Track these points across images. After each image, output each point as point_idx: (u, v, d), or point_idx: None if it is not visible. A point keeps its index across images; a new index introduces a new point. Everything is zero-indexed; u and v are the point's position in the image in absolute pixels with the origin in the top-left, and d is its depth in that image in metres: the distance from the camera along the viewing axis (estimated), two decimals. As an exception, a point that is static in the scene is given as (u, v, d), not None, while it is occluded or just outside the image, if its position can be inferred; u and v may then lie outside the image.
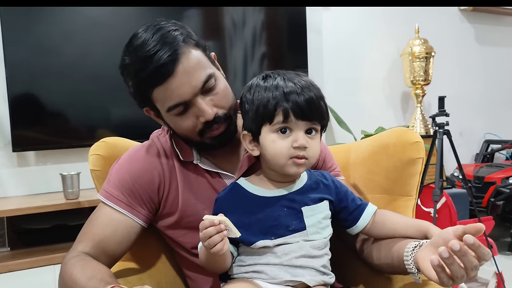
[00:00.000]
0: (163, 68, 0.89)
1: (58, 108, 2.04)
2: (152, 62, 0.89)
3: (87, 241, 0.97)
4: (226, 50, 2.41)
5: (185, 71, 0.91)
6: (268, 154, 0.89)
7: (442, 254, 0.72)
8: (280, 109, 0.86)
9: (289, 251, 0.88)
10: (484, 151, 3.26)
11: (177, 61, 0.89)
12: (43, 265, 1.73)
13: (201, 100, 0.94)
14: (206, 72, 0.94)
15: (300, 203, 0.91)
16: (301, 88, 0.87)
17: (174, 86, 0.91)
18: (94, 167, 1.11)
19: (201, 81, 0.93)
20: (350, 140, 2.60)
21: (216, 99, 0.96)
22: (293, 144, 0.86)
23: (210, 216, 0.80)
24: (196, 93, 0.93)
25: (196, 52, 0.94)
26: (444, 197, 2.28)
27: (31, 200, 1.89)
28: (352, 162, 1.22)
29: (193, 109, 0.94)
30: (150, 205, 1.02)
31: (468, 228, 0.73)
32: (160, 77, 0.90)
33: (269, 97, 0.86)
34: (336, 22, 2.79)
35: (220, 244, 0.79)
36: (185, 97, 0.92)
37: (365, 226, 0.97)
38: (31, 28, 1.96)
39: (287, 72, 0.92)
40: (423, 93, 2.88)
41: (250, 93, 0.91)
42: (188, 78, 0.91)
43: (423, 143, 1.11)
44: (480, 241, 0.72)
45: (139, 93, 0.96)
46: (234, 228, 0.81)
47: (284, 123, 0.86)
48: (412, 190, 1.11)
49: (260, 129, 0.89)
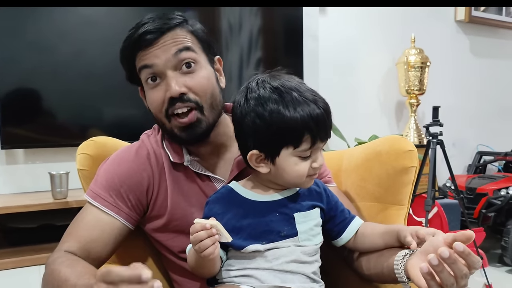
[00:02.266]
0: (144, 36, 0.92)
1: (49, 106, 2.01)
2: (139, 29, 0.93)
3: (72, 241, 0.95)
4: (222, 53, 2.39)
5: (166, 41, 0.93)
6: (287, 176, 0.87)
7: (432, 262, 0.70)
8: (309, 136, 0.83)
9: (280, 256, 0.87)
10: (477, 163, 3.27)
11: (161, 33, 0.93)
12: (28, 265, 1.70)
13: (172, 74, 0.94)
14: (188, 49, 0.94)
15: (292, 209, 0.90)
16: (323, 109, 0.85)
17: (151, 52, 0.93)
18: (82, 166, 1.09)
19: (177, 50, 0.93)
20: (344, 147, 2.58)
21: (191, 82, 0.95)
22: (313, 165, 0.87)
23: (201, 220, 0.79)
24: (168, 62, 0.93)
25: (188, 34, 0.96)
26: (436, 207, 2.28)
27: (18, 199, 1.86)
28: (344, 169, 1.21)
29: (163, 82, 0.95)
30: (138, 207, 1.00)
31: (458, 236, 0.72)
32: (141, 43, 0.93)
33: (296, 120, 0.82)
34: (333, 28, 2.78)
35: (211, 248, 0.78)
36: (156, 62, 0.93)
37: (349, 240, 0.96)
38: (23, 24, 1.94)
39: (288, 79, 0.88)
40: (417, 103, 2.88)
41: (263, 109, 0.84)
42: (166, 47, 0.93)
43: (417, 151, 1.10)
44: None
45: (124, 60, 0.98)
46: (226, 232, 0.80)
47: (310, 149, 0.85)
48: (404, 199, 1.10)
49: (280, 151, 0.85)
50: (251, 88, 0.88)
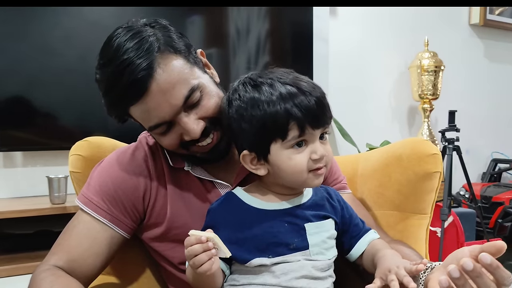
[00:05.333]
0: (135, 86, 0.79)
1: (48, 109, 1.95)
2: (122, 78, 0.78)
3: (61, 253, 0.87)
4: (230, 57, 2.33)
5: (161, 88, 0.80)
6: (284, 172, 0.78)
7: (452, 274, 0.60)
8: (294, 122, 0.75)
9: (289, 271, 0.78)
10: (491, 170, 3.19)
11: (151, 77, 0.79)
12: (22, 273, 1.63)
13: (185, 118, 0.83)
14: (188, 86, 0.82)
15: (303, 219, 0.82)
16: (308, 92, 0.76)
17: (151, 105, 0.81)
18: (74, 168, 1.01)
19: (182, 98, 0.82)
20: (354, 153, 2.50)
21: (202, 111, 0.85)
22: (312, 156, 0.77)
23: (197, 232, 0.71)
24: (178, 111, 0.82)
25: (175, 62, 0.82)
26: (452, 216, 2.19)
27: (14, 203, 1.80)
28: (361, 174, 1.12)
29: (177, 128, 0.85)
30: (134, 214, 0.92)
31: (486, 247, 0.61)
32: (132, 95, 0.80)
33: (276, 110, 0.75)
34: (343, 31, 2.72)
35: (207, 264, 0.70)
36: (165, 118, 0.82)
37: (360, 254, 0.87)
38: (24, 27, 1.89)
39: (272, 71, 0.81)
40: (430, 108, 2.79)
41: (244, 109, 0.78)
42: (166, 96, 0.80)
43: (441, 155, 1.01)
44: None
45: (114, 112, 0.87)
46: (224, 247, 0.73)
47: (300, 136, 0.76)
48: (427, 207, 1.01)
49: (269, 147, 0.78)
50: (234, 89, 0.82)
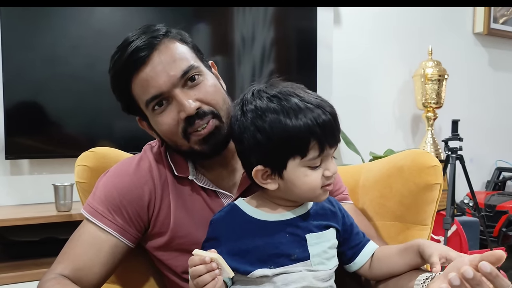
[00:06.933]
0: (136, 55, 0.84)
1: (55, 117, 1.97)
2: (126, 50, 0.84)
3: (67, 262, 0.88)
4: (235, 65, 2.34)
5: (162, 59, 0.85)
6: (298, 189, 0.80)
7: (453, 282, 0.62)
8: (315, 142, 0.76)
9: (290, 282, 0.79)
10: (496, 179, 3.18)
11: (152, 48, 0.85)
12: (28, 280, 1.64)
13: (181, 94, 0.86)
14: (189, 63, 0.87)
15: (304, 230, 0.82)
16: (329, 113, 0.78)
17: (149, 75, 0.85)
18: (80, 179, 1.03)
19: (181, 70, 0.86)
20: (358, 162, 2.50)
21: (200, 94, 0.88)
22: (325, 173, 0.79)
23: (201, 252, 0.72)
24: (175, 83, 0.85)
25: (180, 45, 0.89)
26: (455, 225, 2.18)
27: (20, 210, 1.81)
28: (362, 185, 1.13)
29: (173, 104, 0.87)
30: (139, 224, 0.93)
31: (486, 256, 0.63)
32: (132, 64, 0.85)
33: (299, 126, 0.75)
34: (347, 39, 2.72)
35: (210, 284, 0.72)
36: (162, 88, 0.85)
37: (363, 265, 0.89)
38: (33, 34, 1.91)
39: (282, 85, 0.82)
40: (434, 116, 2.79)
41: (262, 121, 0.77)
42: (165, 67, 0.85)
43: (441, 167, 1.02)
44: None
45: (117, 89, 0.90)
46: (228, 267, 0.74)
47: (319, 156, 0.77)
48: (428, 218, 1.02)
49: (286, 163, 0.78)
50: (247, 99, 0.82)
